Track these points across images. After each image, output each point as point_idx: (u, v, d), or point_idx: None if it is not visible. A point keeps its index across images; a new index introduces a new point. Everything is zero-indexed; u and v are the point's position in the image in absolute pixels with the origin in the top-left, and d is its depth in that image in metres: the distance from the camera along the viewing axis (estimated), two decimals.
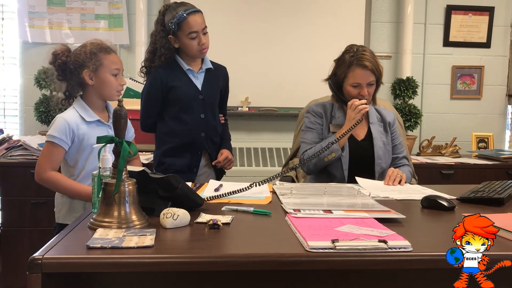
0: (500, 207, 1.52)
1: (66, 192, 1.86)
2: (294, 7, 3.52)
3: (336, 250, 1.00)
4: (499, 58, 3.77)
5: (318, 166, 2.08)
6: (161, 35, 2.11)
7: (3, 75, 3.57)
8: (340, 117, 2.15)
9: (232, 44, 3.50)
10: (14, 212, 2.81)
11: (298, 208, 1.37)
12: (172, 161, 2.16)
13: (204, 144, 2.19)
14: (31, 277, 0.93)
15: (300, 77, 3.52)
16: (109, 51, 1.90)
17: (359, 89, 2.06)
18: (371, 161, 2.10)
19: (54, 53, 1.88)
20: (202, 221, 1.24)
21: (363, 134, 2.17)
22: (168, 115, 2.17)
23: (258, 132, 3.60)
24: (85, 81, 1.87)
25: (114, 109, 1.21)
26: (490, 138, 3.63)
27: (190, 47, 2.10)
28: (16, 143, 2.96)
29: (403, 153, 2.23)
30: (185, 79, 2.15)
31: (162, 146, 2.19)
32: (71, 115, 1.86)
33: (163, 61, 2.12)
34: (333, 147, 2.01)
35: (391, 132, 2.21)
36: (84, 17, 3.47)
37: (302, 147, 2.17)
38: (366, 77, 2.05)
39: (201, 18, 2.10)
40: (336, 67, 2.15)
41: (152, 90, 2.15)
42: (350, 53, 2.08)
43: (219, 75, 2.26)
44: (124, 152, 1.19)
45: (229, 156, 2.25)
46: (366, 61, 2.03)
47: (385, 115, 2.22)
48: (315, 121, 2.18)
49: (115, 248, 1.01)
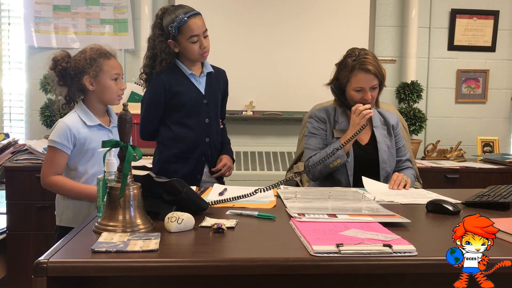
0: (506, 212, 1.52)
1: (71, 194, 1.86)
2: (298, 11, 3.53)
3: (340, 254, 1.00)
4: (504, 62, 3.76)
5: (323, 173, 2.07)
6: (160, 40, 2.04)
7: (9, 79, 3.59)
8: (344, 121, 2.14)
9: (237, 48, 3.50)
10: (20, 216, 2.82)
11: (302, 212, 1.36)
12: (175, 168, 2.09)
13: (207, 150, 2.14)
14: (36, 281, 0.94)
15: (304, 81, 3.52)
16: (108, 56, 1.90)
17: (363, 93, 2.04)
18: (376, 165, 2.09)
19: (54, 59, 1.89)
20: (207, 225, 1.24)
21: (367, 138, 2.15)
22: (170, 120, 2.11)
23: (262, 136, 3.61)
24: (85, 87, 1.88)
25: (120, 113, 1.22)
26: (495, 142, 3.62)
27: (192, 51, 2.03)
28: (21, 147, 2.97)
29: (407, 155, 2.22)
30: (188, 84, 2.10)
31: (165, 152, 2.12)
32: (72, 120, 1.87)
33: (164, 67, 2.05)
34: (338, 153, 1.99)
35: (395, 134, 2.20)
36: (89, 22, 3.49)
37: (307, 153, 2.15)
38: (369, 81, 2.03)
39: (202, 21, 2.03)
40: (338, 71, 2.12)
41: (155, 97, 2.07)
42: (352, 57, 2.06)
43: (219, 79, 2.21)
44: (129, 156, 1.20)
45: (228, 163, 2.19)
46: (369, 65, 2.01)
47: (388, 118, 2.21)
48: (318, 126, 2.16)
49: (120, 252, 1.01)
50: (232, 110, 3.36)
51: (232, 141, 2.36)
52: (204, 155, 2.13)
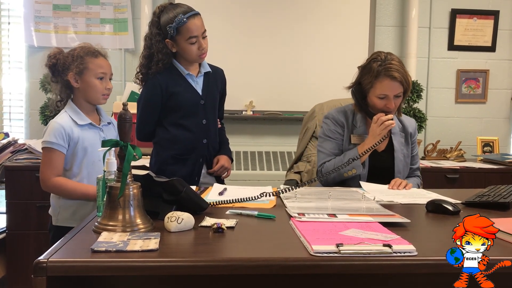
0: (506, 212, 1.52)
1: (73, 195, 1.85)
2: (298, 12, 3.53)
3: (340, 254, 1.00)
4: (504, 62, 3.76)
5: (336, 180, 2.00)
6: (157, 39, 1.98)
7: (9, 79, 3.59)
8: (362, 126, 2.04)
9: (237, 48, 3.50)
10: (19, 215, 2.82)
11: (302, 212, 1.36)
12: (173, 170, 2.05)
13: (205, 151, 2.11)
14: (36, 281, 0.93)
15: (304, 81, 3.52)
16: (96, 54, 1.91)
17: (386, 101, 1.93)
18: (391, 173, 2.01)
19: (48, 55, 1.92)
20: (207, 225, 1.24)
21: (384, 145, 2.05)
22: (167, 121, 2.07)
23: (262, 136, 3.60)
24: (70, 84, 1.89)
25: (119, 112, 1.22)
26: (495, 142, 3.62)
27: (190, 52, 1.99)
28: (21, 147, 2.97)
29: (417, 164, 2.16)
30: (185, 85, 2.06)
31: (163, 153, 2.09)
32: (64, 119, 1.87)
33: (161, 68, 2.01)
34: (355, 163, 1.90)
35: (411, 142, 2.12)
36: (89, 21, 3.49)
37: (320, 157, 2.06)
38: (395, 88, 1.90)
39: (201, 21, 1.98)
40: (360, 75, 1.99)
41: (151, 98, 2.04)
42: (377, 61, 1.92)
43: (217, 78, 2.17)
44: (129, 155, 1.19)
45: (225, 164, 2.16)
46: (395, 72, 1.88)
47: (407, 125, 2.12)
48: (335, 130, 2.05)
49: (120, 252, 1.01)
50: (232, 110, 3.35)
51: (232, 141, 2.35)
52: (202, 156, 2.11)
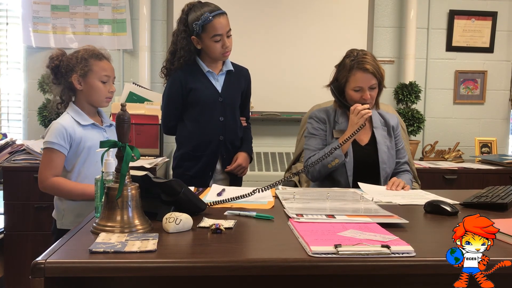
0: (504, 212, 1.52)
1: (71, 195, 1.84)
2: (297, 12, 3.53)
3: (338, 255, 1.00)
4: (502, 63, 3.76)
5: (322, 173, 2.07)
6: (182, 36, 2.07)
7: (7, 79, 3.58)
8: (343, 122, 2.14)
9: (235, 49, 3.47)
10: (17, 216, 2.81)
11: (300, 213, 1.36)
12: (188, 166, 2.14)
13: (221, 148, 2.16)
14: (34, 282, 0.93)
15: (303, 82, 3.52)
16: (100, 57, 1.91)
17: (361, 93, 2.05)
18: (376, 166, 2.09)
19: (50, 57, 1.92)
20: (205, 226, 1.24)
21: (367, 138, 2.15)
22: (188, 117, 2.15)
23: (261, 137, 3.60)
24: (74, 86, 1.89)
25: (117, 113, 1.22)
26: (493, 143, 3.62)
27: (214, 50, 2.07)
28: (19, 148, 2.96)
29: (405, 158, 2.22)
30: (205, 81, 2.13)
31: (181, 149, 2.18)
32: (66, 120, 1.87)
33: (182, 64, 2.09)
34: (336, 152, 1.99)
35: (395, 136, 2.20)
36: (87, 22, 3.49)
37: (306, 154, 2.15)
38: (368, 80, 2.03)
39: (226, 20, 2.07)
40: (337, 72, 2.13)
41: (172, 93, 2.13)
42: (350, 57, 2.07)
43: (240, 77, 2.24)
44: (127, 156, 1.19)
45: (243, 163, 2.21)
46: (367, 64, 2.01)
47: (389, 119, 2.21)
48: (318, 127, 2.17)
49: (118, 253, 1.01)
50: None
51: None
52: (217, 152, 2.16)
